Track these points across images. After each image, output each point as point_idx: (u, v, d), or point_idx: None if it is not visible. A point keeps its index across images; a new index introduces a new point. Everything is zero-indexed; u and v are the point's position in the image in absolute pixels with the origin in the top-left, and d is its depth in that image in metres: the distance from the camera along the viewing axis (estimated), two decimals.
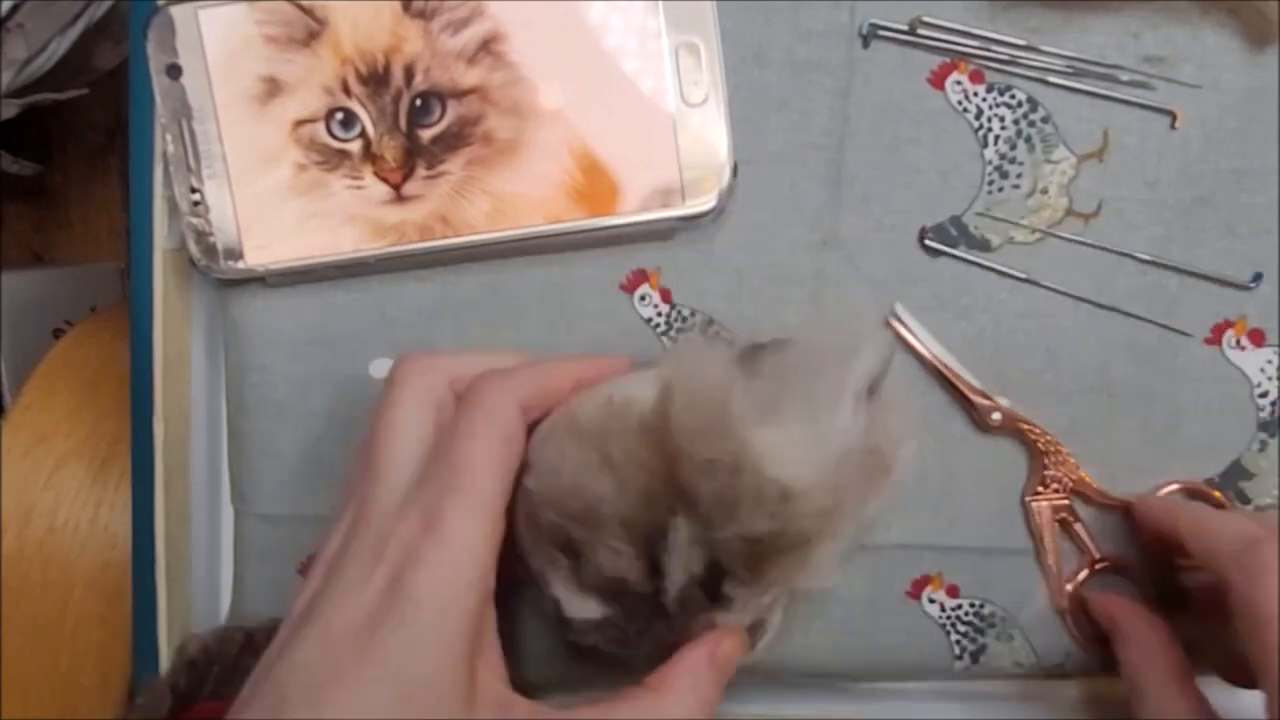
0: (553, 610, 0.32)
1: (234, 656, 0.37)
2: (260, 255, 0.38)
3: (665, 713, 0.30)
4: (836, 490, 0.30)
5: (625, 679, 0.31)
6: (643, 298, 0.39)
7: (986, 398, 0.38)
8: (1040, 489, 0.39)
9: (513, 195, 0.37)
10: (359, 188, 0.37)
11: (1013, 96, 0.38)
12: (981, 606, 0.40)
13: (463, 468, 0.29)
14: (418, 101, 0.37)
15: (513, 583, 0.32)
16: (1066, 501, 0.39)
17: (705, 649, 0.31)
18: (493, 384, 0.31)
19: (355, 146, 0.37)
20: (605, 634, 0.32)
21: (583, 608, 0.31)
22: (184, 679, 0.36)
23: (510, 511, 0.30)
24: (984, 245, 0.39)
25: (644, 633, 0.31)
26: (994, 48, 0.37)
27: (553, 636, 0.37)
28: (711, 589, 0.30)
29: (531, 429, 0.32)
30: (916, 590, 0.40)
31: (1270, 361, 0.39)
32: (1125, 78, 0.37)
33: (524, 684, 0.31)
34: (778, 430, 0.29)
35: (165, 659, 0.39)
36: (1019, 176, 0.38)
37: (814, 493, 0.29)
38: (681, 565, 0.30)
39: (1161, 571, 0.39)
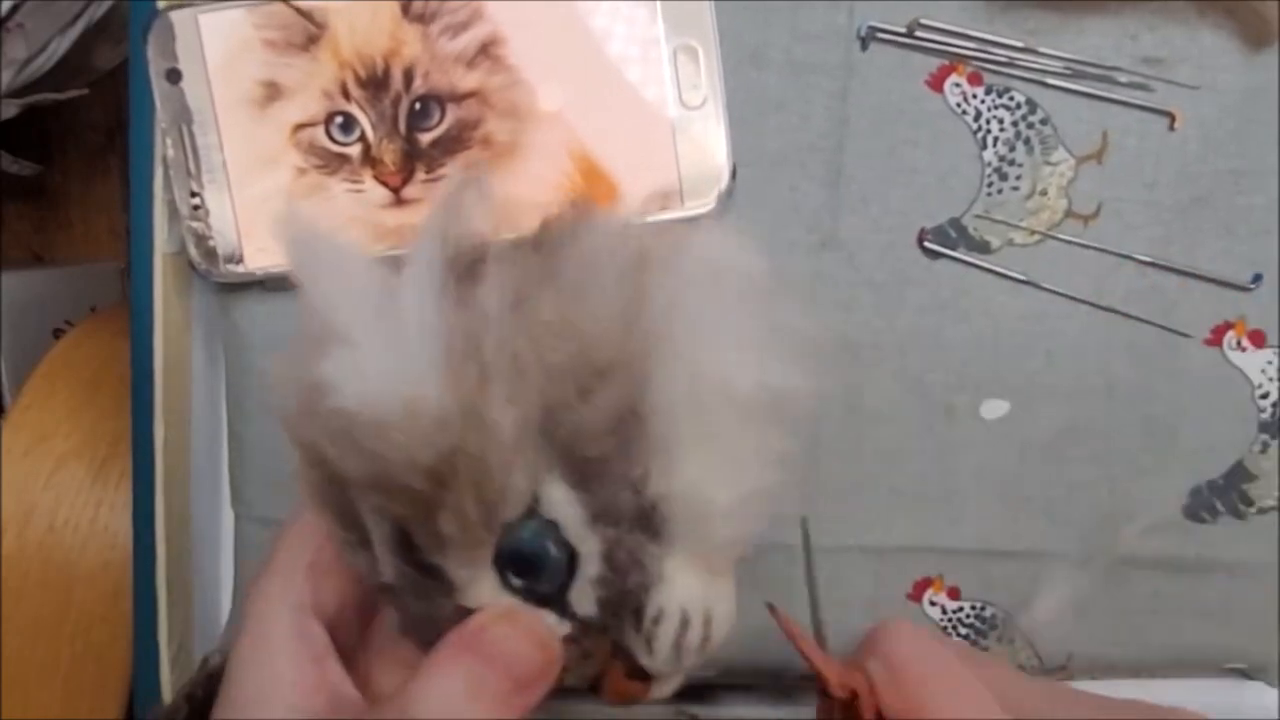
0: None
1: None
2: (260, 259, 0.38)
3: (405, 712, 0.25)
4: (480, 399, 0.23)
5: None
6: None
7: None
8: None
9: (512, 198, 0.37)
10: (359, 191, 0.37)
11: (1011, 98, 0.38)
12: (983, 609, 0.40)
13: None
14: (417, 105, 0.37)
15: None
16: None
17: (454, 638, 0.25)
18: None
19: (355, 150, 0.37)
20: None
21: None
22: (202, 690, 0.37)
23: None
24: (983, 247, 0.39)
25: (410, 629, 0.27)
26: (992, 49, 0.37)
27: None
28: (415, 562, 0.25)
29: None
30: (918, 592, 0.40)
31: (1271, 362, 0.39)
32: (1123, 79, 0.37)
33: None
34: (342, 351, 0.23)
35: (165, 659, 0.40)
36: (1018, 178, 0.38)
37: (419, 406, 0.23)
38: (380, 540, 0.25)
39: None
